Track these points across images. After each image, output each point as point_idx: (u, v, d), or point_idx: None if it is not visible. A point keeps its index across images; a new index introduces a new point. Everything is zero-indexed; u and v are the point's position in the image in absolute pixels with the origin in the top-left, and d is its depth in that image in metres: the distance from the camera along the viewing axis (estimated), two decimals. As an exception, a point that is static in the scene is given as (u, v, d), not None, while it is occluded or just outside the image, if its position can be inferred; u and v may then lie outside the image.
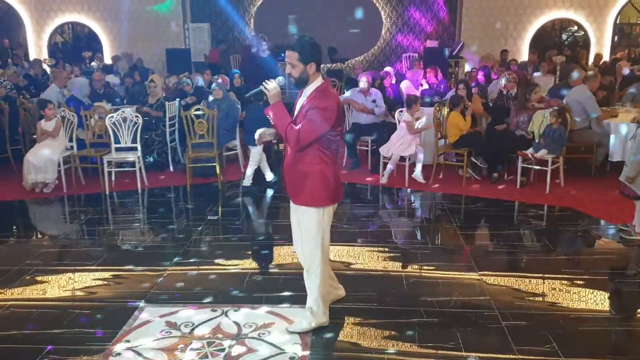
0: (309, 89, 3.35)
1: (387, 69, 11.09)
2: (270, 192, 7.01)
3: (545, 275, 4.49)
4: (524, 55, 14.13)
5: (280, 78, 3.42)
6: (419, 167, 7.09)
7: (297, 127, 3.26)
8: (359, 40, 15.06)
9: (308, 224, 3.46)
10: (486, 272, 4.53)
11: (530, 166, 6.95)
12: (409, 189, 6.99)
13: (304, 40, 3.29)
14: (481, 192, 6.77)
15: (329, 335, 3.63)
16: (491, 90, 8.88)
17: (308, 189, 3.38)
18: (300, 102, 3.39)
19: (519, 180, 6.89)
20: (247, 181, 7.06)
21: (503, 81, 7.78)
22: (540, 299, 4.12)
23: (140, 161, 7.02)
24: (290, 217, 3.65)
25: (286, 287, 4.30)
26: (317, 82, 3.36)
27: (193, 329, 3.69)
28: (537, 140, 6.85)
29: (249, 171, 7.07)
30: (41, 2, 14.79)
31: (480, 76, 9.63)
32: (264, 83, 3.35)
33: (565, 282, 4.36)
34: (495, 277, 4.47)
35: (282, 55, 13.54)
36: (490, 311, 3.89)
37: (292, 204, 3.56)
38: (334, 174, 3.44)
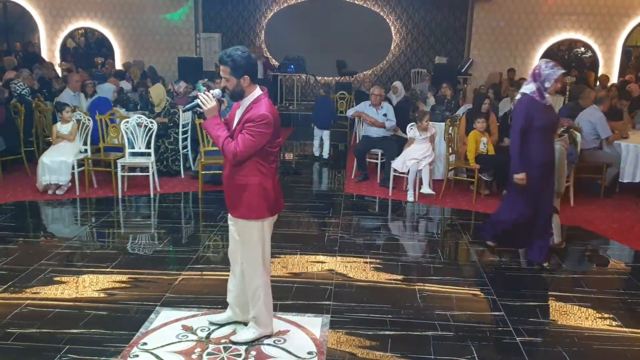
0: (246, 101, 3.34)
1: (396, 83, 11.19)
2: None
3: (558, 293, 4.53)
4: (532, 74, 14.21)
5: (217, 91, 3.38)
6: (425, 183, 7.11)
7: (234, 142, 3.24)
8: (368, 55, 15.16)
9: (248, 237, 3.44)
10: (499, 288, 4.56)
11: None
12: (418, 203, 7.03)
13: (236, 54, 3.23)
14: (491, 208, 6.78)
15: (344, 344, 3.66)
16: (501, 108, 8.94)
17: (246, 202, 3.36)
18: (239, 113, 3.38)
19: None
20: None
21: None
22: (554, 316, 4.15)
23: (154, 166, 7.07)
24: (229, 227, 3.61)
25: (299, 295, 4.33)
26: (255, 93, 3.33)
27: (209, 334, 3.72)
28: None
29: None
30: (56, 7, 14.95)
31: (490, 93, 9.68)
32: (199, 95, 3.33)
33: (578, 300, 4.39)
34: (509, 293, 4.49)
35: (292, 66, 13.76)
36: (505, 327, 3.91)
37: (230, 215, 3.55)
38: (273, 186, 3.41)
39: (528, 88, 4.82)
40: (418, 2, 15.15)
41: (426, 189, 7.09)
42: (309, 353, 3.53)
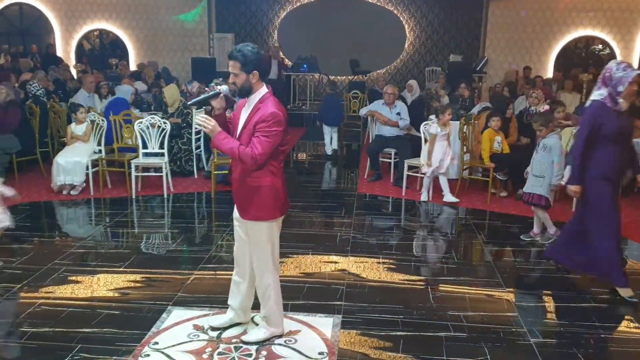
0: (253, 99, 3.30)
1: (411, 81, 11.13)
2: (290, 202, 7.02)
3: (573, 294, 4.46)
4: (548, 72, 14.08)
5: (224, 87, 3.34)
6: (446, 190, 6.97)
7: (250, 147, 3.19)
8: (382, 53, 15.11)
9: (258, 238, 3.42)
10: (513, 289, 4.51)
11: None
12: (432, 203, 6.98)
13: (246, 49, 3.21)
14: (506, 207, 6.74)
15: (356, 344, 3.63)
16: (516, 106, 8.84)
17: (258, 204, 3.33)
18: (246, 112, 3.34)
19: (545, 197, 6.83)
20: None
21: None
22: (569, 316, 4.08)
23: (167, 167, 7.09)
24: (235, 228, 3.60)
25: (311, 295, 4.31)
26: (262, 91, 3.29)
27: (220, 333, 3.71)
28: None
29: None
30: (71, 10, 15.11)
31: (505, 92, 9.61)
32: (197, 119, 3.26)
33: (594, 300, 4.32)
34: (523, 293, 4.45)
35: (305, 66, 13.75)
36: (519, 328, 3.86)
37: (237, 216, 3.51)
38: (283, 186, 3.40)
39: (598, 94, 4.30)
40: (432, 0, 15.07)
41: (448, 197, 6.92)
42: (320, 353, 3.51)
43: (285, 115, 3.31)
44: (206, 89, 9.13)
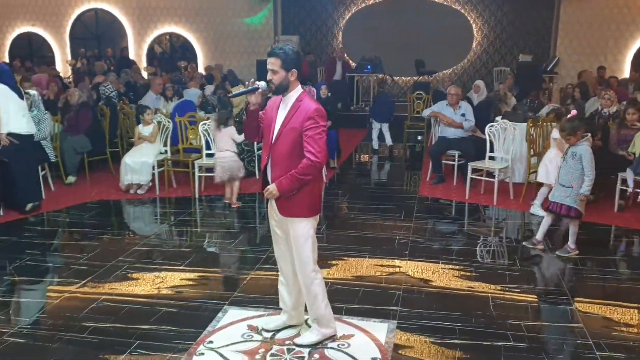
0: (290, 98, 3.31)
1: (478, 82, 10.84)
2: (349, 204, 6.99)
3: (646, 306, 4.20)
4: (625, 72, 13.38)
5: (262, 83, 3.31)
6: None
7: (305, 156, 3.22)
8: (448, 53, 14.81)
9: (298, 233, 3.40)
10: (579, 299, 4.29)
11: (627, 188, 6.51)
12: (496, 207, 6.76)
13: (287, 48, 3.28)
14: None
15: (410, 351, 3.55)
16: (588, 108, 8.46)
17: (299, 202, 3.34)
18: (284, 111, 3.33)
19: (617, 204, 6.50)
20: None
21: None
22: (640, 331, 3.84)
23: (230, 167, 7.21)
24: (272, 229, 3.59)
25: (366, 299, 4.26)
26: (298, 90, 3.33)
27: (274, 335, 3.72)
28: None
29: None
30: (143, 14, 15.70)
31: (576, 92, 9.19)
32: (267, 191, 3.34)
33: (669, 314, 4.05)
34: (590, 304, 4.22)
35: (369, 67, 13.66)
36: (584, 340, 3.66)
37: (274, 217, 3.50)
38: (321, 183, 3.44)
39: None
40: (501, -1, 14.67)
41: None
42: (373, 359, 3.46)
43: None
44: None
